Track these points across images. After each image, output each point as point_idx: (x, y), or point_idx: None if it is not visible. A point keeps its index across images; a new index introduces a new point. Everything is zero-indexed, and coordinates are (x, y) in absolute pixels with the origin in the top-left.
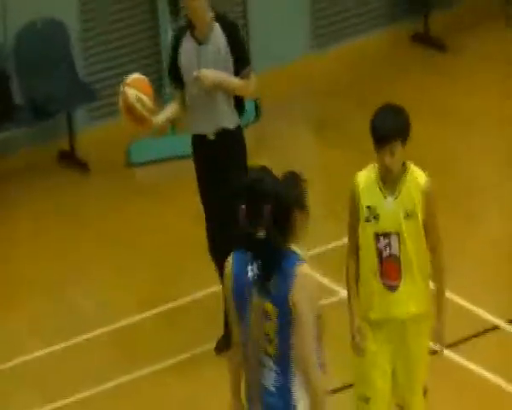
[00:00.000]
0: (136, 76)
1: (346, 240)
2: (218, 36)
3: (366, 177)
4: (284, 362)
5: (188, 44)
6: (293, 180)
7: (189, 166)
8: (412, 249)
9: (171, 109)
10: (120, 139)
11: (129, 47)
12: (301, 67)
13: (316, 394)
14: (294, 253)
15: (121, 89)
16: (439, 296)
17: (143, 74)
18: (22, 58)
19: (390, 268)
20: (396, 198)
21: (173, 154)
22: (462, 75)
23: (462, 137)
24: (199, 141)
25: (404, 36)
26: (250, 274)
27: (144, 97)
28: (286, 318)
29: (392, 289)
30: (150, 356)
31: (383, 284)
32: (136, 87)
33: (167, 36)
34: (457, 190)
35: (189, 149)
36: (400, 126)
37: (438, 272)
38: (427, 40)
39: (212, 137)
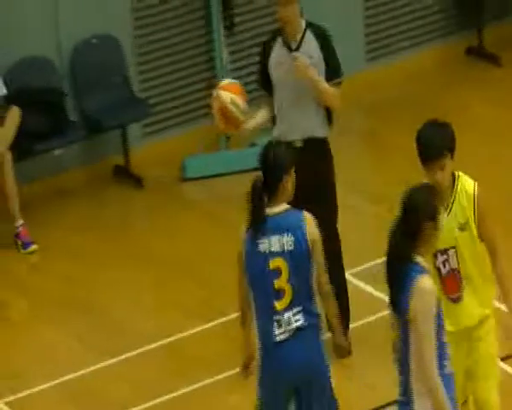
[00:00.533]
0: (229, 80)
1: None
2: (310, 43)
3: None
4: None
5: (279, 51)
6: (429, 192)
7: (244, 182)
8: (470, 259)
9: (260, 115)
10: (174, 154)
11: (183, 62)
12: (355, 81)
13: (438, 402)
14: (419, 264)
15: (215, 93)
16: (505, 296)
17: (197, 89)
18: (77, 75)
19: (451, 282)
20: (449, 213)
21: (228, 169)
22: None
23: None
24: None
25: (458, 50)
26: (261, 247)
27: (238, 100)
28: (405, 328)
29: (456, 300)
30: (203, 369)
31: (447, 297)
32: (229, 90)
33: (221, 50)
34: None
35: (243, 165)
36: (447, 140)
37: (500, 276)
38: (481, 54)
39: (299, 144)
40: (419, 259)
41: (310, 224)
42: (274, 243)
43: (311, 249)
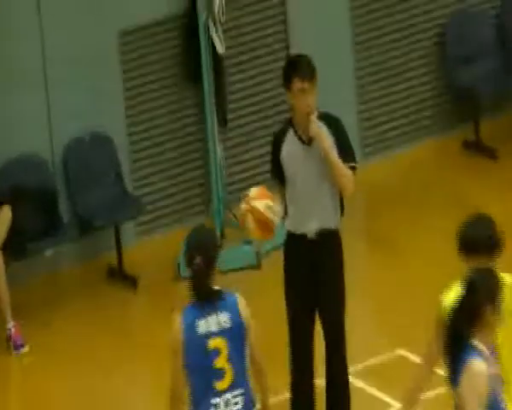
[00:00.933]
0: (254, 189)
1: (398, 352)
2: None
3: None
4: None
5: (292, 144)
6: (490, 275)
7: (240, 280)
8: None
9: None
10: (169, 252)
11: (178, 159)
12: None
13: None
14: (475, 347)
15: (246, 206)
16: None
17: (191, 186)
18: (70, 173)
19: None
20: None
21: (223, 268)
22: None
23: None
24: (297, 241)
25: (454, 143)
26: (200, 329)
27: (272, 204)
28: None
29: None
30: None
31: None
32: (261, 198)
33: (216, 147)
34: None
35: (237, 263)
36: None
37: None
38: (478, 147)
39: (313, 236)
40: (476, 342)
41: (241, 301)
42: (212, 322)
43: (247, 329)
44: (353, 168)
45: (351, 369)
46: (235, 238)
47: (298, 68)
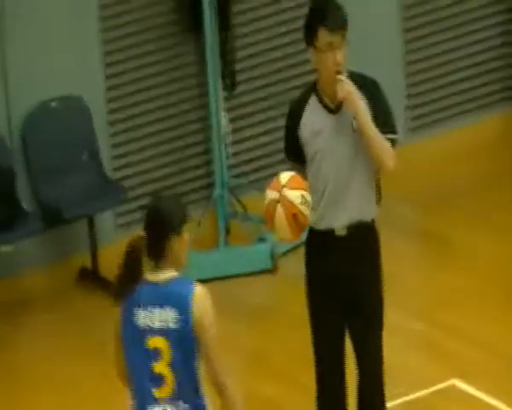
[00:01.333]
0: (286, 174)
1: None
2: None
3: None
4: None
5: (315, 114)
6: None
7: (251, 287)
8: None
9: None
10: None
11: (170, 133)
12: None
13: None
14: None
15: (277, 194)
16: None
17: (187, 168)
18: (31, 150)
19: None
20: None
21: (228, 272)
22: None
23: None
24: (323, 239)
25: None
26: (140, 320)
27: (308, 197)
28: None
29: None
30: None
31: None
32: (296, 187)
33: (220, 118)
34: None
35: (248, 266)
36: None
37: None
38: None
39: (343, 232)
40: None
41: (199, 299)
42: (154, 317)
43: (198, 332)
44: (393, 141)
45: (389, 404)
46: (244, 234)
47: (325, 17)
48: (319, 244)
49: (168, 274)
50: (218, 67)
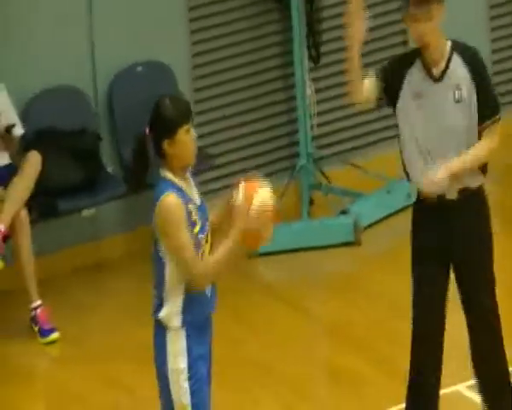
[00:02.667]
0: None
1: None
2: (458, 72)
3: None
4: None
5: (417, 78)
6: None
7: (333, 260)
8: None
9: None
10: None
11: (253, 102)
12: None
13: None
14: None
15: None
16: None
17: (271, 138)
18: (116, 112)
19: None
20: None
21: (310, 243)
22: None
23: None
24: (432, 204)
25: None
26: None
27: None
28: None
29: None
30: None
31: None
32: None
33: (305, 88)
34: None
35: (330, 238)
36: None
37: None
38: None
39: (453, 196)
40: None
41: (162, 208)
42: None
43: (159, 236)
44: (495, 121)
45: (459, 386)
46: (327, 206)
47: None
48: (428, 210)
49: (162, 174)
50: (303, 37)
